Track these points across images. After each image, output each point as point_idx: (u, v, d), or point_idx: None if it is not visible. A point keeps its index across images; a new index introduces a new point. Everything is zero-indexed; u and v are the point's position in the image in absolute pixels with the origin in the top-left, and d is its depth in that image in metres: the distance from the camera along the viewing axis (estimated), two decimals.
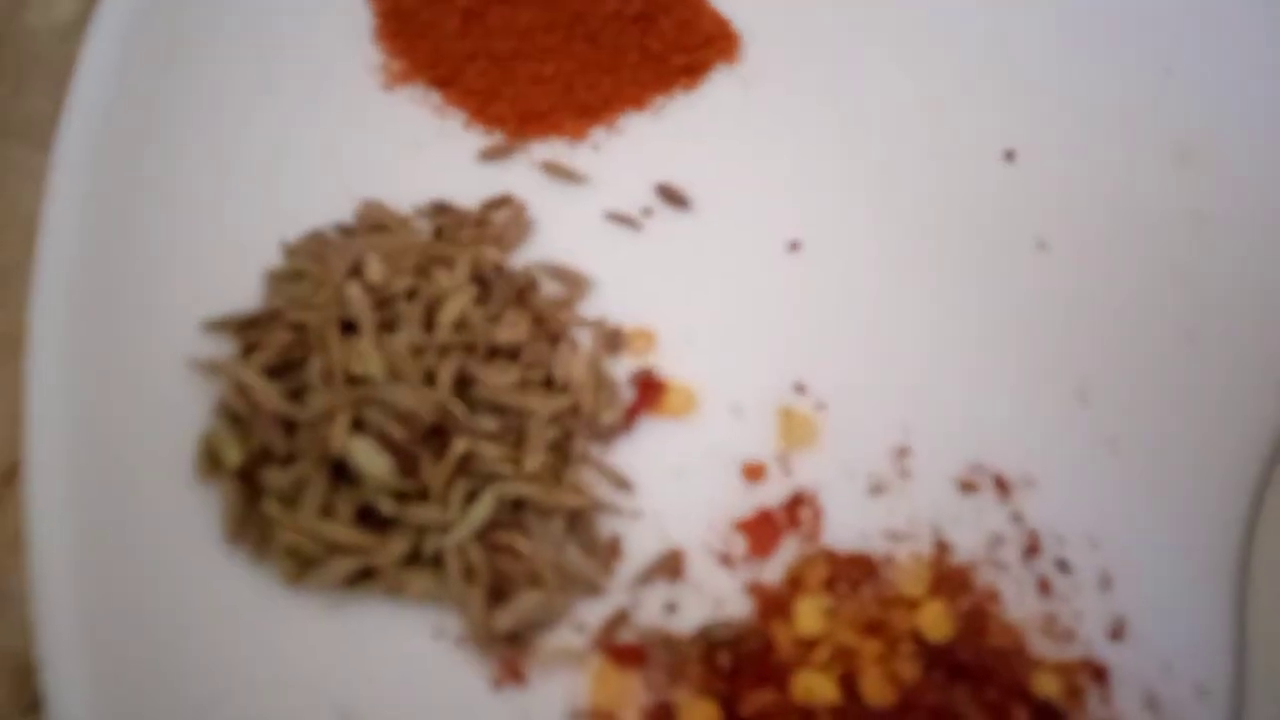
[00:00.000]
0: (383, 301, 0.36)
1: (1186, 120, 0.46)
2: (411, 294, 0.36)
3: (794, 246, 0.42)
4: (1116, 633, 0.36)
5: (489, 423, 0.36)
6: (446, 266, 0.38)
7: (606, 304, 0.41)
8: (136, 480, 0.37)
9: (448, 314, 0.36)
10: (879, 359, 0.41)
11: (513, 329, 0.37)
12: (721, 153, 0.45)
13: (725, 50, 0.47)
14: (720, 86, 0.46)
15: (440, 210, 0.41)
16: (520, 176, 0.43)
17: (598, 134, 0.45)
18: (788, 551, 0.37)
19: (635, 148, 0.45)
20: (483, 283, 0.38)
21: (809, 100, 0.46)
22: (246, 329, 0.38)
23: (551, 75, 0.45)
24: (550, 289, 0.40)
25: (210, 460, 0.36)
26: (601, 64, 0.45)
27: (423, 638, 0.35)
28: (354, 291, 0.36)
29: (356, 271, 0.37)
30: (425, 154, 0.44)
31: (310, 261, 0.38)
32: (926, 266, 0.43)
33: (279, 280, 0.38)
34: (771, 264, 0.42)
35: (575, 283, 0.40)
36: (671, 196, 0.43)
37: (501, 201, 0.42)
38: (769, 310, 0.41)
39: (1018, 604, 0.36)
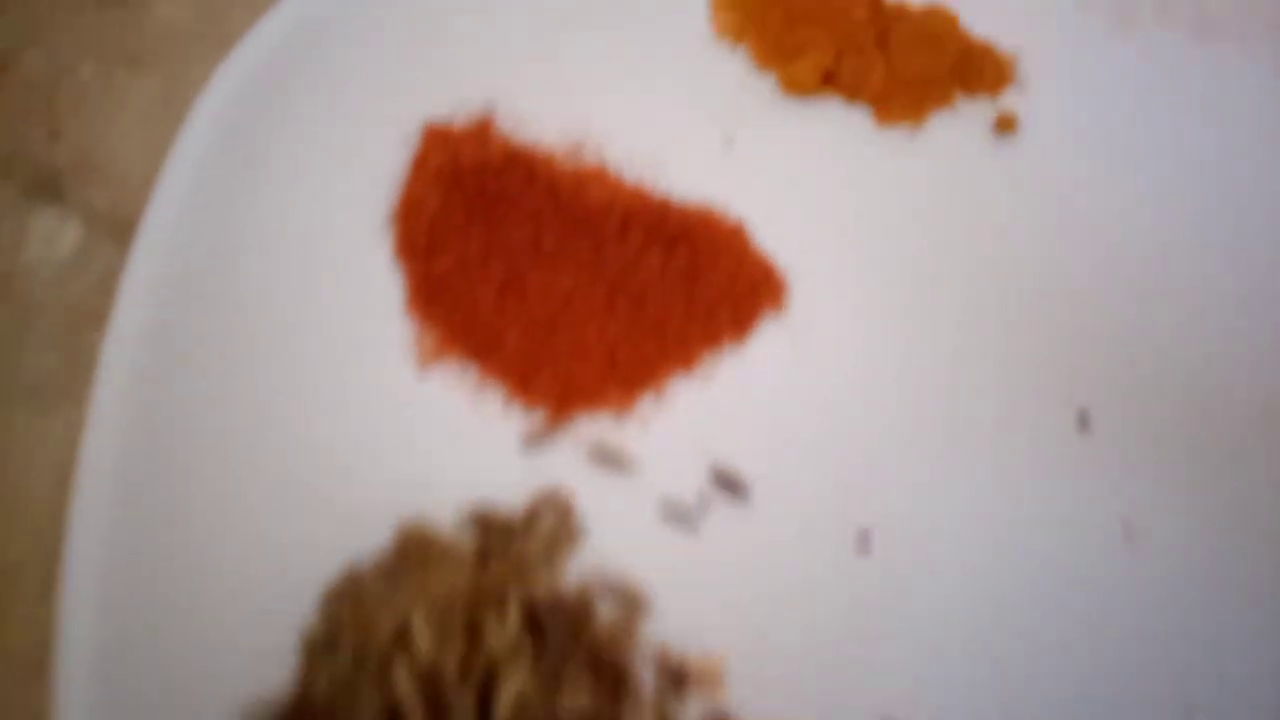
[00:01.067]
0: (431, 684, 0.33)
1: None
2: (464, 670, 0.33)
3: (864, 540, 0.40)
4: None
5: None
6: (498, 610, 0.35)
7: (665, 621, 0.38)
8: None
9: (504, 700, 0.33)
10: (984, 687, 0.38)
11: (573, 694, 0.34)
12: (777, 421, 0.41)
13: (772, 297, 0.44)
14: (769, 340, 0.43)
15: (483, 523, 0.38)
16: (565, 463, 0.40)
17: (645, 405, 0.42)
18: None
19: (686, 420, 0.41)
20: (536, 621, 0.36)
21: (862, 350, 0.43)
22: None
23: (595, 341, 0.41)
24: (606, 609, 0.38)
25: None
26: (646, 326, 0.41)
27: None
28: (403, 681, 0.33)
29: (401, 641, 0.34)
30: (463, 444, 0.40)
31: (348, 618, 0.35)
32: (1018, 570, 0.40)
33: (314, 649, 0.35)
34: (840, 566, 0.39)
35: (633, 604, 0.37)
36: (728, 484, 0.40)
37: (547, 503, 0.39)
38: (842, 625, 0.39)
39: None
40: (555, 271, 0.41)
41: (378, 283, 0.43)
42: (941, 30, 0.49)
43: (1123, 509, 0.41)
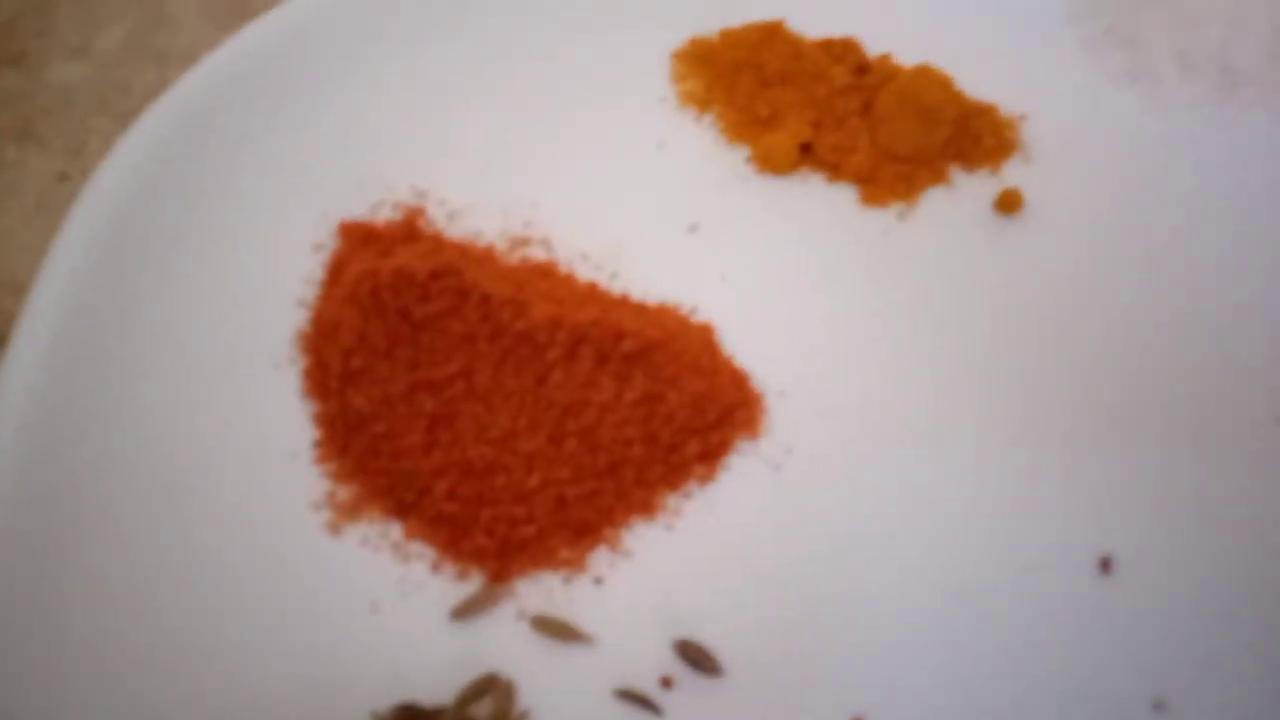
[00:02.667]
0: None
1: None
2: None
3: None
4: None
5: None
6: None
7: None
8: None
9: None
10: None
11: None
12: (755, 577, 0.34)
13: (747, 420, 0.37)
14: (743, 473, 0.35)
15: (408, 718, 0.31)
16: (505, 637, 0.33)
17: (599, 560, 0.35)
18: None
19: (647, 576, 0.34)
20: None
21: (855, 482, 0.35)
22: None
23: (539, 487, 0.33)
24: None
25: None
26: (600, 466, 0.33)
27: None
28: None
29: None
30: (384, 617, 0.33)
31: None
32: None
33: None
34: None
35: None
36: (697, 659, 0.33)
37: (484, 686, 0.32)
38: None
39: None
40: (491, 406, 0.34)
41: (283, 425, 0.35)
42: (935, 94, 0.42)
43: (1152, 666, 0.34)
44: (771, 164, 0.42)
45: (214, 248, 0.38)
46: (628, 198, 0.41)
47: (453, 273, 0.33)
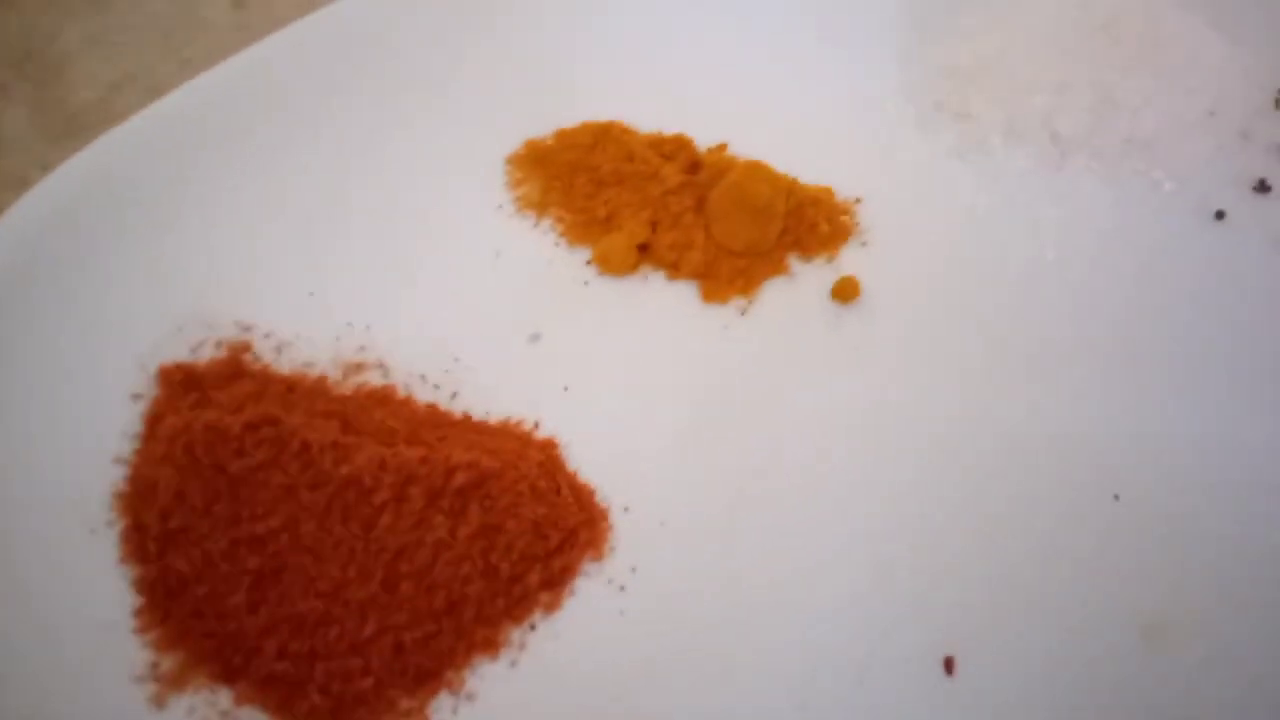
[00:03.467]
0: None
1: None
2: None
3: None
4: None
5: None
6: None
7: None
8: None
9: None
10: None
11: None
12: (600, 705, 0.32)
13: (591, 541, 0.35)
14: (588, 595, 0.34)
15: None
16: None
17: (442, 706, 0.32)
18: None
19: (492, 719, 0.33)
20: None
21: (702, 599, 0.34)
22: None
23: (374, 637, 0.32)
24: None
25: None
26: (437, 607, 0.32)
27: None
28: None
29: None
30: None
31: None
32: None
33: None
34: None
35: None
36: None
37: None
38: None
39: None
40: (319, 556, 0.32)
41: (101, 594, 0.33)
42: (764, 191, 0.41)
43: None
44: (612, 265, 0.41)
45: (24, 405, 0.36)
46: (466, 312, 0.40)
47: (270, 422, 0.32)
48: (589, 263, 0.41)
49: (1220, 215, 0.42)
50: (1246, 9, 0.47)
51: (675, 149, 0.43)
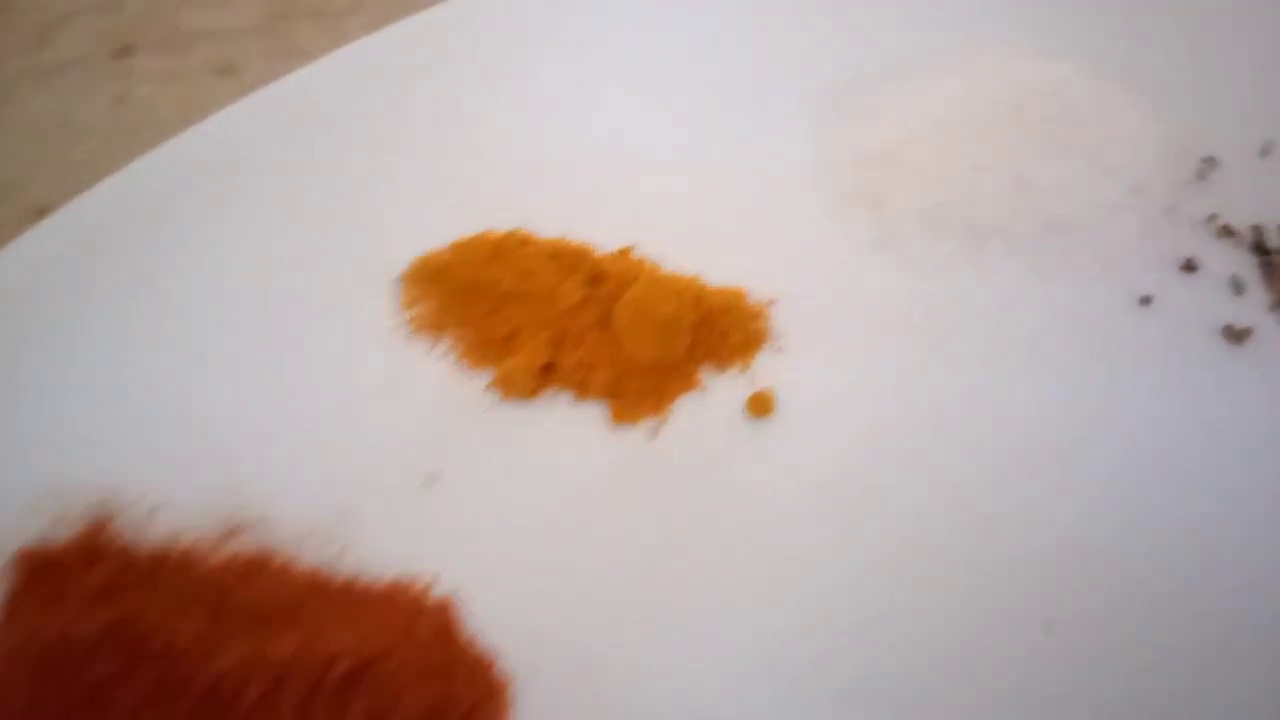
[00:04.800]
0: None
1: None
2: None
3: None
4: None
5: None
6: None
7: None
8: None
9: None
10: None
11: None
12: None
13: (494, 708, 0.33)
14: None
15: None
16: None
17: None
18: None
19: None
20: None
21: None
22: None
23: None
24: None
25: None
26: None
27: None
28: None
29: None
30: None
31: None
32: None
33: None
34: None
35: None
36: None
37: None
38: None
39: None
40: None
41: None
42: (669, 304, 0.38)
43: None
44: (514, 389, 0.38)
45: None
46: (357, 453, 0.36)
47: (126, 624, 0.28)
48: (490, 387, 0.38)
49: (1146, 301, 0.40)
50: (1163, 76, 0.44)
51: (577, 260, 0.39)
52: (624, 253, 0.40)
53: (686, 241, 0.41)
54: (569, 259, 0.39)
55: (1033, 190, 0.41)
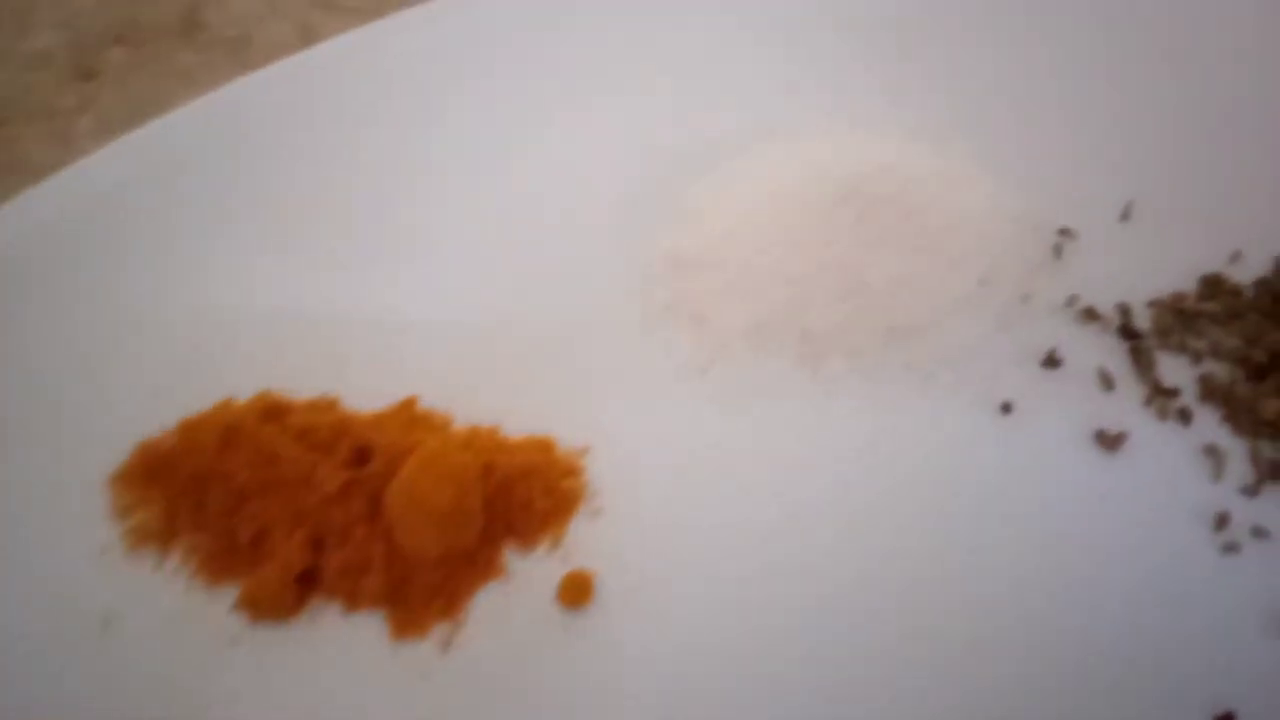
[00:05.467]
0: None
1: None
2: None
3: None
4: None
5: None
6: None
7: None
8: None
9: None
10: None
11: None
12: None
13: None
14: None
15: None
16: None
17: None
18: None
19: None
20: None
21: None
22: None
23: None
24: None
25: None
26: None
27: None
28: None
29: None
30: None
31: None
32: None
33: None
34: None
35: None
36: None
37: None
38: None
39: None
40: None
41: None
42: (452, 481, 0.31)
43: None
44: (266, 607, 0.30)
45: None
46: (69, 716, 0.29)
47: None
48: (236, 608, 0.30)
49: (1006, 409, 0.34)
50: (1007, 146, 0.39)
51: (335, 435, 0.32)
52: (399, 412, 0.33)
53: (479, 384, 0.34)
54: (325, 434, 0.32)
55: (871, 291, 0.35)
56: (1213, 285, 0.37)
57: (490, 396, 0.34)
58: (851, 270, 0.35)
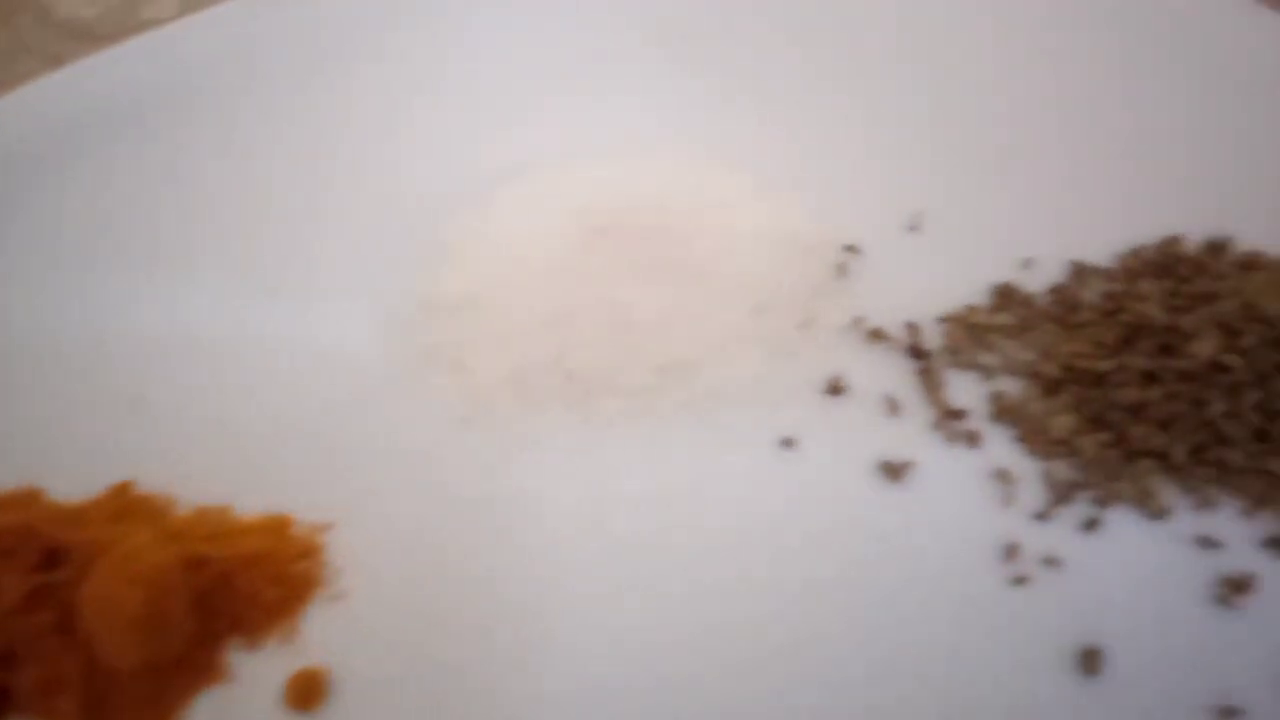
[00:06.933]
0: None
1: None
2: None
3: None
4: None
5: None
6: None
7: None
8: None
9: None
10: None
11: None
12: None
13: None
14: None
15: None
16: None
17: None
18: None
19: None
20: None
21: None
22: None
23: None
24: None
25: None
26: None
27: None
28: None
29: None
30: None
31: None
32: None
33: None
34: None
35: None
36: None
37: None
38: None
39: None
40: None
41: None
42: (155, 575, 0.27)
43: None
44: None
45: None
46: None
47: None
48: None
49: (788, 444, 0.32)
50: (788, 167, 0.37)
51: (20, 537, 0.28)
52: (110, 500, 0.29)
53: (207, 459, 0.31)
54: (7, 537, 0.28)
55: (639, 328, 0.32)
56: (1005, 295, 0.35)
57: (220, 472, 0.30)
58: (616, 307, 0.32)
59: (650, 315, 0.32)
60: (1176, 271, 0.34)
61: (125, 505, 0.29)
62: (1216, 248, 0.35)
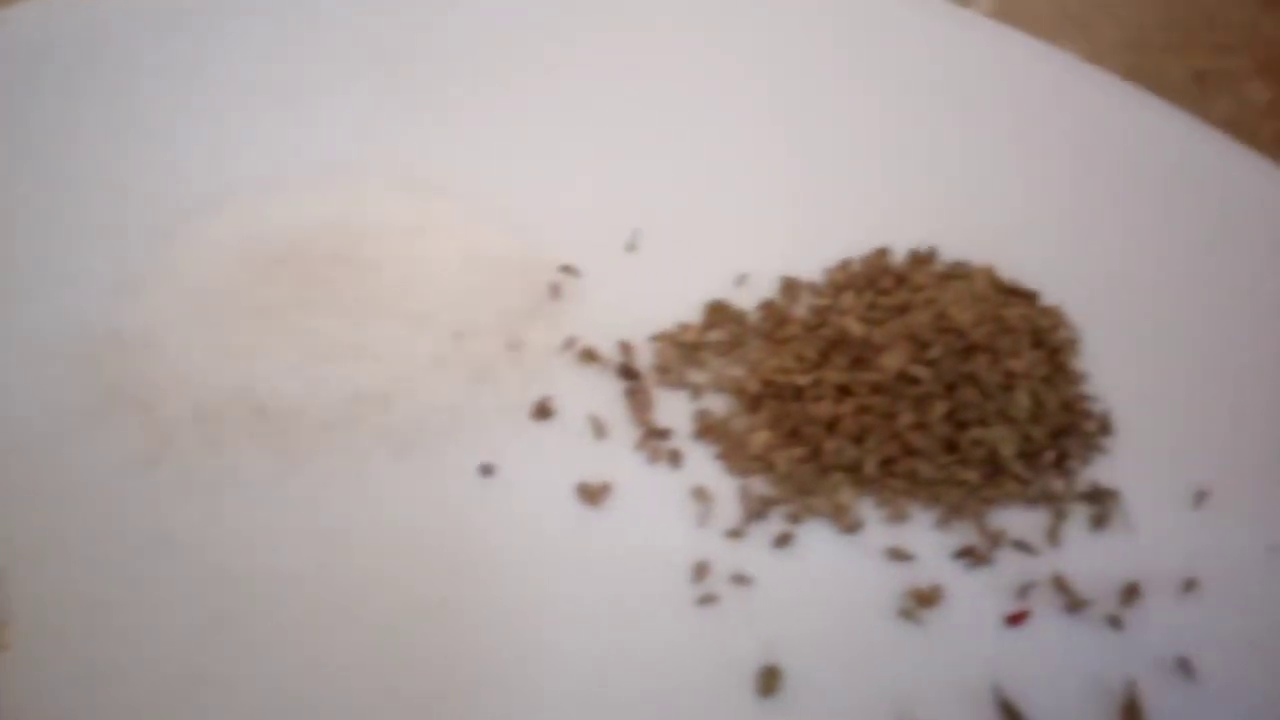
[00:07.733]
0: None
1: None
2: None
3: None
4: None
5: None
6: None
7: None
8: None
9: None
10: None
11: None
12: None
13: None
14: None
15: None
16: None
17: None
18: None
19: None
20: None
21: None
22: None
23: None
24: None
25: None
26: None
27: None
28: None
29: None
30: None
31: None
32: None
33: None
34: None
35: None
36: None
37: None
38: None
39: None
40: None
41: None
42: None
43: None
44: None
45: None
46: None
47: None
48: None
49: (487, 470, 0.31)
50: (501, 190, 0.36)
51: None
52: None
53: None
54: None
55: (328, 358, 0.31)
56: (717, 312, 0.34)
57: None
58: (303, 337, 0.31)
59: (338, 345, 0.31)
60: (879, 284, 0.34)
61: None
62: (921, 259, 0.35)
